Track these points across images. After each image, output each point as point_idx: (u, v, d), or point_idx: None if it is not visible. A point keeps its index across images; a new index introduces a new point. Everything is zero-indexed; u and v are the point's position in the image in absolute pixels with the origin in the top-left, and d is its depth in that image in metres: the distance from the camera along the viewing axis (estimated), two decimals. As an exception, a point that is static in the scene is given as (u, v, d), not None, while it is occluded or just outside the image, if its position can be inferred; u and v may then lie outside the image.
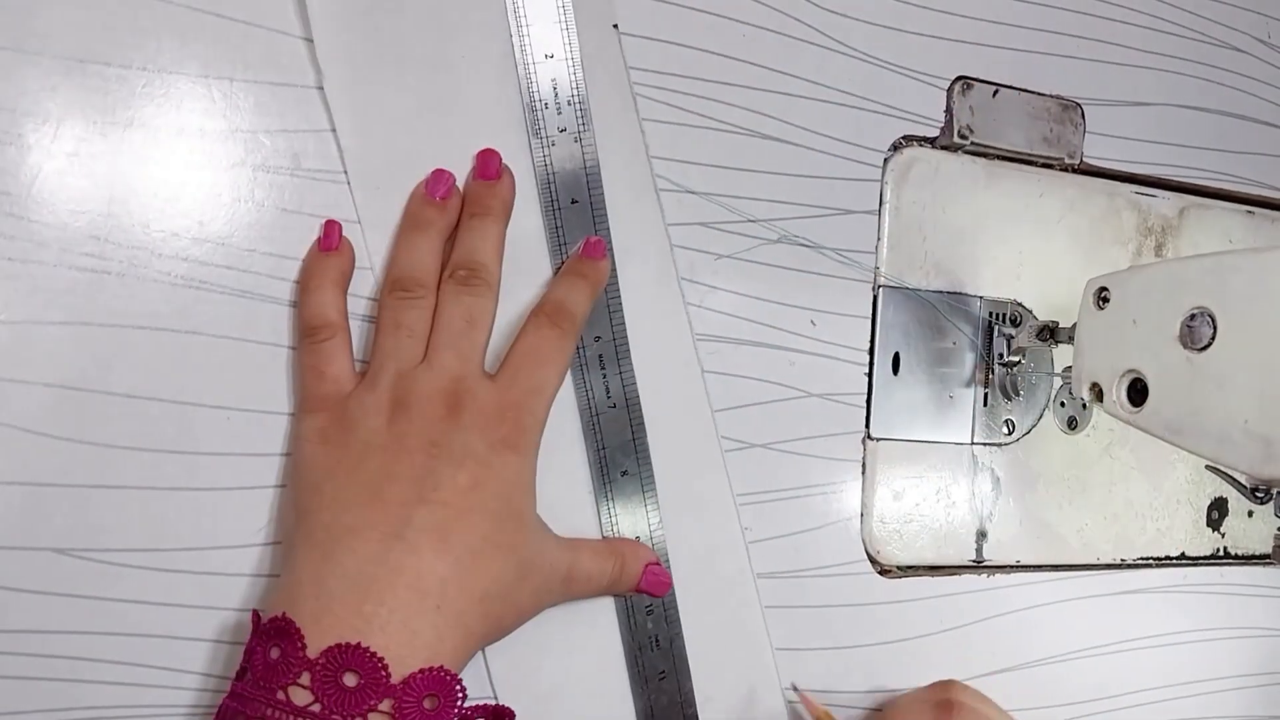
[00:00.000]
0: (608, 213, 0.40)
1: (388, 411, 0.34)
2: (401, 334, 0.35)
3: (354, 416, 0.34)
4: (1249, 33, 0.57)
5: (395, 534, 0.32)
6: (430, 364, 0.35)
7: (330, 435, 0.34)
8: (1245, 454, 0.35)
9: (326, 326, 0.35)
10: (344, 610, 0.30)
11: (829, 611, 0.45)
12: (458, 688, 0.31)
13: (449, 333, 0.35)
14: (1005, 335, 0.48)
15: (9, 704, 0.33)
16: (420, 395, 0.34)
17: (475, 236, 0.37)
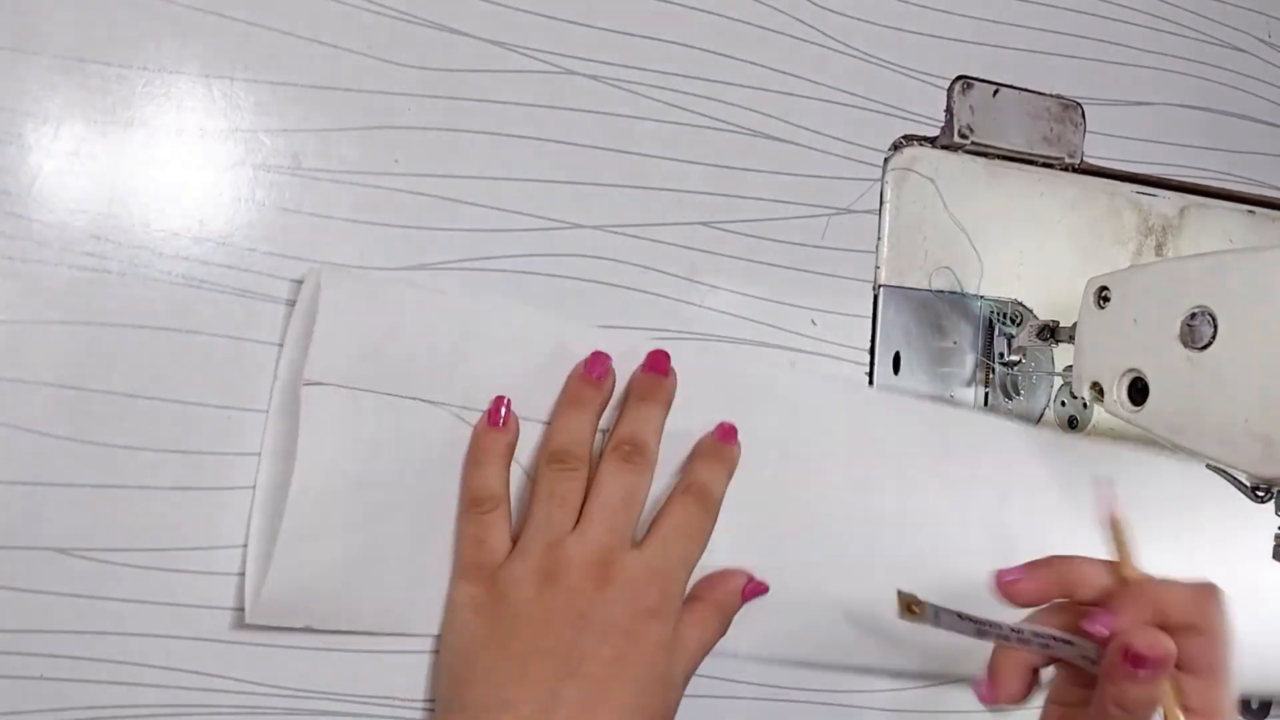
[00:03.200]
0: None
1: (537, 582, 0.35)
2: (554, 504, 0.36)
3: (505, 587, 0.35)
4: (1249, 32, 0.57)
5: (544, 710, 0.33)
6: (582, 534, 0.36)
7: (482, 605, 0.36)
8: (1245, 453, 0.35)
9: (491, 498, 0.37)
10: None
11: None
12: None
13: (606, 507, 0.37)
14: (1006, 335, 0.48)
15: (9, 704, 0.33)
16: (570, 566, 0.35)
17: (641, 417, 0.39)
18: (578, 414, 0.38)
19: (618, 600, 0.35)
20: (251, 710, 0.36)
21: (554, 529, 0.36)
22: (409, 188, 0.38)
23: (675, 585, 0.37)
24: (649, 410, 0.39)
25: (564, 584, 0.35)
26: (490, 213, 0.39)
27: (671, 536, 0.37)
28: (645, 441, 0.38)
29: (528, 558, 0.36)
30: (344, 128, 0.37)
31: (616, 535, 0.36)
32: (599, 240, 0.41)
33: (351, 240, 0.37)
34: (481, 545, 0.37)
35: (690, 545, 0.38)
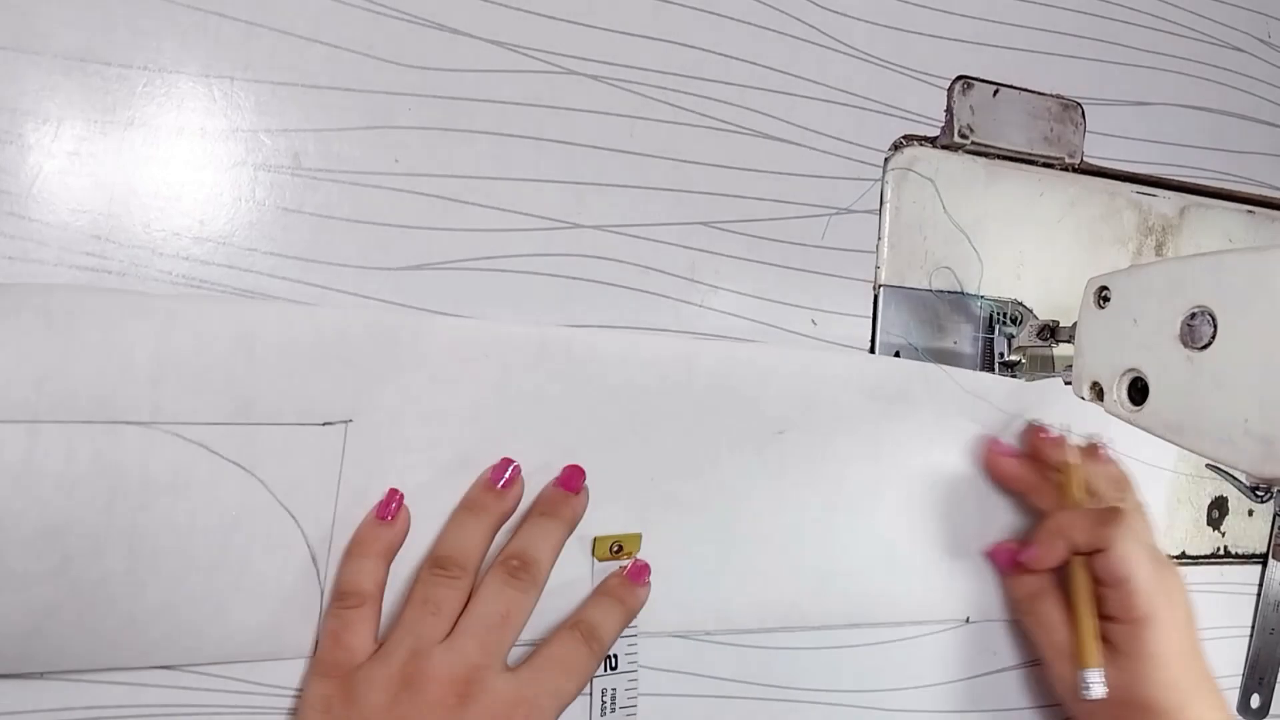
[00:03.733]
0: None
1: (394, 689, 0.33)
2: (427, 610, 0.35)
3: (359, 690, 0.33)
4: (1249, 33, 0.57)
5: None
6: (451, 646, 0.34)
7: (333, 706, 0.34)
8: (1245, 453, 0.35)
9: (357, 594, 0.35)
10: None
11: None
12: None
13: (481, 622, 0.35)
14: (1006, 334, 0.48)
15: (9, 704, 0.33)
16: (432, 678, 0.33)
17: (537, 533, 0.37)
18: (471, 520, 0.37)
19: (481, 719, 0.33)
20: (251, 710, 0.36)
21: (422, 636, 0.34)
22: (409, 188, 0.38)
23: (539, 716, 0.34)
24: (549, 526, 0.37)
25: (421, 695, 0.33)
26: (490, 213, 0.39)
27: (547, 667, 0.35)
28: (537, 559, 0.36)
29: (389, 662, 0.34)
30: (344, 128, 0.37)
31: (487, 653, 0.34)
32: (599, 240, 0.41)
33: (351, 240, 0.37)
34: (338, 642, 0.35)
35: (565, 681, 0.35)
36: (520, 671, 0.35)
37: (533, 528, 0.37)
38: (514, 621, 0.35)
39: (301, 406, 0.35)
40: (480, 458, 0.38)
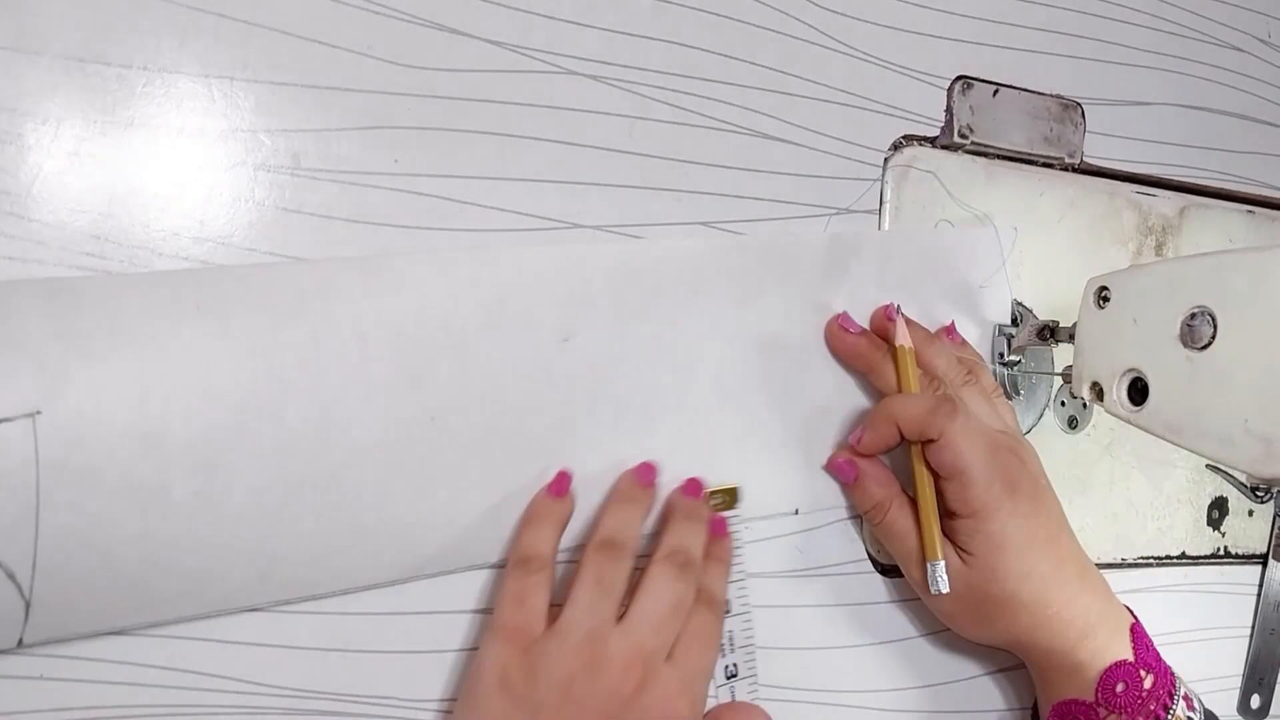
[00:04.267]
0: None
1: (573, 669, 0.34)
2: (600, 590, 0.36)
3: (539, 666, 0.34)
4: (1249, 33, 0.57)
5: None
6: (628, 632, 0.36)
7: (512, 679, 0.35)
8: (1245, 453, 0.35)
9: (538, 558, 0.37)
10: None
11: (829, 611, 0.45)
12: None
13: (656, 612, 0.36)
14: (1005, 335, 0.48)
15: (7, 703, 0.33)
16: (612, 662, 0.35)
17: (689, 534, 0.39)
18: (629, 508, 0.39)
19: (648, 711, 0.35)
20: (251, 710, 0.36)
21: (598, 616, 0.36)
22: (409, 188, 0.38)
23: (701, 699, 0.37)
24: (695, 529, 0.40)
25: (601, 678, 0.34)
26: (490, 213, 0.39)
27: (694, 647, 0.37)
28: (696, 558, 0.39)
29: (567, 640, 0.35)
30: (344, 128, 0.37)
31: (660, 642, 0.36)
32: (598, 240, 0.41)
33: (351, 240, 0.37)
34: (521, 604, 0.36)
35: (710, 655, 0.38)
36: (677, 658, 0.37)
37: (685, 529, 0.40)
38: (681, 615, 0.37)
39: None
40: (229, 427, 0.34)
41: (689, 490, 0.41)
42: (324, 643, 0.37)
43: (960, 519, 0.41)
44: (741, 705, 0.41)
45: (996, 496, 0.40)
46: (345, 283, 0.36)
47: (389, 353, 0.36)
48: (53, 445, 0.31)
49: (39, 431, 0.31)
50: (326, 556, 0.36)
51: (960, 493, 0.40)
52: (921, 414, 0.40)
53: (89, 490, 0.32)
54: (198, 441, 0.33)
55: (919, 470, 0.41)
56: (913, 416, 0.40)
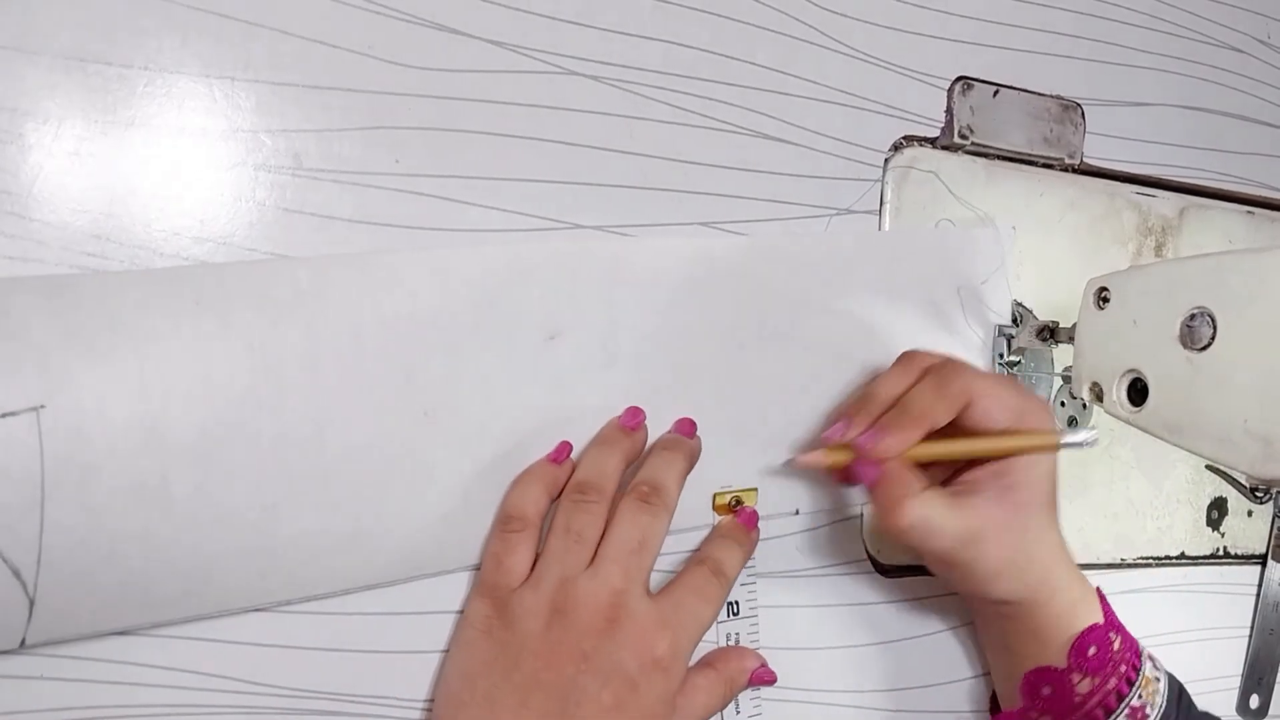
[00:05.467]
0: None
1: (546, 615, 0.35)
2: (570, 538, 0.36)
3: (515, 614, 0.36)
4: (1249, 33, 0.57)
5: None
6: (595, 574, 0.36)
7: (493, 628, 0.36)
8: (1245, 454, 0.35)
9: (520, 519, 0.37)
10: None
11: (829, 611, 0.46)
12: None
13: (619, 548, 0.36)
14: (1005, 335, 0.48)
15: (7, 703, 0.33)
16: (579, 604, 0.35)
17: (662, 462, 0.39)
18: (606, 450, 0.39)
19: (623, 645, 0.35)
20: (251, 710, 0.36)
21: (568, 564, 0.36)
22: (409, 188, 0.38)
23: (685, 642, 0.37)
24: (671, 457, 0.39)
25: (572, 621, 0.35)
26: (490, 213, 0.39)
27: (685, 595, 0.38)
28: (665, 485, 0.38)
29: (540, 589, 0.36)
30: (344, 128, 0.37)
31: (629, 578, 0.36)
32: (592, 239, 0.41)
33: (352, 240, 0.37)
34: (500, 564, 0.37)
35: (702, 607, 0.38)
36: (660, 599, 0.37)
37: (656, 459, 0.39)
38: (650, 545, 0.37)
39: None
40: (228, 423, 0.34)
41: (678, 426, 0.41)
42: (324, 643, 0.37)
43: (990, 462, 0.40)
44: (735, 648, 0.41)
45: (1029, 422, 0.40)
46: (341, 279, 0.36)
47: (383, 349, 0.36)
48: (56, 440, 0.31)
49: (43, 426, 0.31)
50: (325, 555, 0.36)
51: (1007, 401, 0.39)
52: (937, 389, 0.39)
53: (92, 486, 0.32)
54: (197, 437, 0.33)
55: (929, 445, 0.39)
56: (934, 397, 0.39)
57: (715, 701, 0.38)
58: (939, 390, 0.39)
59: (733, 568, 0.40)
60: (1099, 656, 0.41)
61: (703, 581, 0.38)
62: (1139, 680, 0.41)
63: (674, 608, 0.37)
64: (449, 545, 0.38)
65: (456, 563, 0.38)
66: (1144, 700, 0.41)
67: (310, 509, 0.35)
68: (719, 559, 0.39)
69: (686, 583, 0.38)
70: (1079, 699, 0.40)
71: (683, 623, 0.37)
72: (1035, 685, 0.41)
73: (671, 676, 0.36)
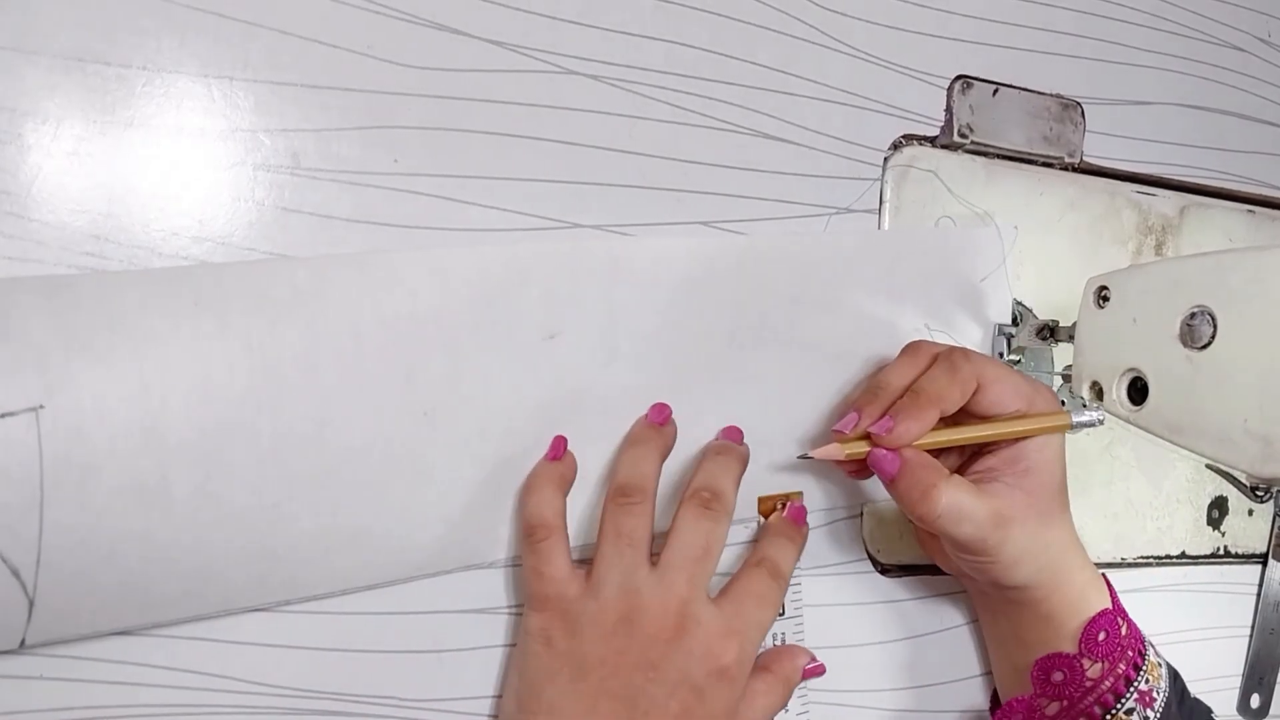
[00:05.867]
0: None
1: (612, 623, 0.35)
2: (623, 543, 0.36)
3: (577, 623, 0.35)
4: (1249, 32, 0.57)
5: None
6: (660, 580, 0.36)
7: (554, 638, 0.36)
8: (1245, 453, 0.35)
9: (543, 526, 0.37)
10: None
11: (829, 611, 0.45)
12: None
13: (684, 555, 0.36)
14: (1005, 334, 0.48)
15: (7, 703, 0.33)
16: (646, 612, 0.35)
17: (718, 468, 0.39)
18: (642, 450, 0.39)
19: (692, 654, 0.35)
20: (251, 710, 0.36)
21: (626, 569, 0.36)
22: (409, 188, 0.38)
23: (750, 648, 0.37)
24: (726, 461, 0.39)
25: (639, 629, 0.35)
26: (490, 213, 0.39)
27: (746, 600, 0.37)
28: (724, 490, 0.38)
29: (601, 595, 0.36)
30: (344, 128, 0.37)
31: (694, 585, 0.36)
32: (596, 239, 0.41)
33: (351, 240, 0.37)
34: (542, 575, 0.36)
35: (764, 612, 0.38)
36: (723, 605, 0.37)
37: (713, 464, 0.39)
38: (713, 552, 0.37)
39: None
40: (228, 424, 0.34)
41: (726, 433, 0.41)
42: (324, 643, 0.37)
43: (1003, 448, 0.40)
44: (787, 648, 0.41)
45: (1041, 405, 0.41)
46: (340, 279, 0.36)
47: (383, 349, 0.36)
48: (56, 440, 0.31)
49: (42, 426, 0.31)
50: (326, 556, 0.36)
51: (1017, 385, 0.40)
52: (948, 375, 0.39)
53: (92, 486, 0.32)
54: (197, 438, 0.33)
55: (943, 431, 0.39)
56: (945, 384, 0.39)
57: (776, 703, 0.39)
58: (950, 375, 0.39)
59: (789, 566, 0.40)
60: (1109, 642, 0.41)
61: (763, 585, 0.38)
62: (1145, 665, 0.41)
63: (738, 614, 0.37)
64: (449, 545, 0.38)
65: (456, 562, 0.38)
66: (1150, 685, 0.41)
67: (310, 509, 0.35)
68: (775, 560, 0.39)
69: (747, 587, 0.38)
70: (1090, 684, 0.41)
71: (747, 629, 0.37)
72: (1046, 671, 0.42)
73: (737, 685, 0.36)
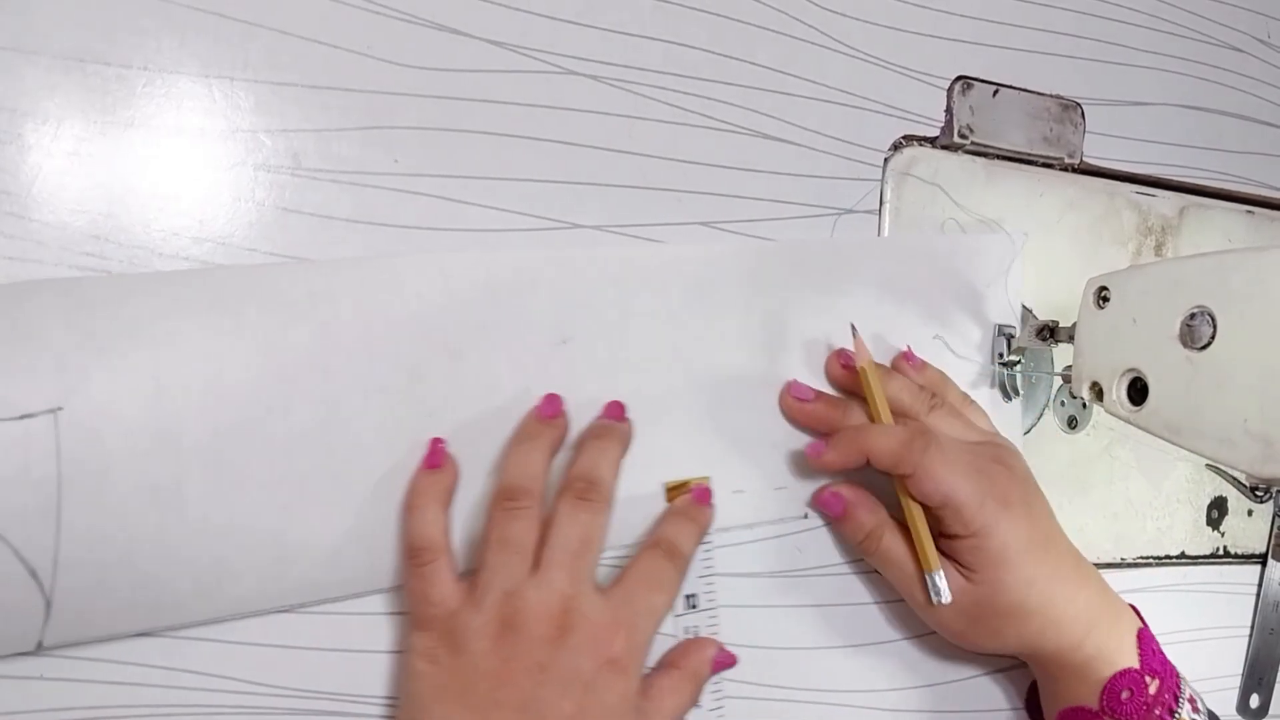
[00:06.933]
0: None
1: (495, 632, 0.34)
2: (509, 551, 0.35)
3: (461, 638, 0.34)
4: (1249, 33, 0.57)
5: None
6: (540, 582, 0.35)
7: (438, 655, 0.35)
8: (1245, 453, 0.35)
9: (429, 549, 0.36)
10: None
11: (829, 611, 0.45)
12: None
13: (563, 551, 0.35)
14: (1006, 334, 0.48)
15: (10, 704, 0.33)
16: (529, 615, 0.34)
17: (595, 453, 0.38)
18: (529, 448, 0.37)
19: (579, 650, 0.34)
20: (251, 710, 0.36)
21: (510, 576, 0.35)
22: (409, 188, 0.38)
23: (640, 636, 0.36)
24: (605, 446, 0.38)
25: (523, 634, 0.34)
26: (490, 213, 0.39)
27: (637, 586, 0.37)
28: (601, 478, 0.37)
29: (483, 607, 0.34)
30: (344, 128, 0.37)
31: (576, 581, 0.35)
32: (599, 240, 0.41)
33: (351, 240, 0.37)
34: (427, 599, 0.35)
35: (658, 597, 0.37)
36: (612, 593, 0.36)
37: (590, 450, 0.38)
38: (594, 543, 0.36)
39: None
40: (239, 425, 0.34)
41: (607, 410, 0.39)
42: (324, 643, 0.37)
43: (960, 539, 0.40)
44: (693, 641, 0.40)
45: (992, 512, 0.39)
46: (351, 282, 0.36)
47: (390, 351, 0.37)
48: (73, 442, 0.32)
49: (60, 427, 0.31)
50: (337, 558, 0.36)
51: (955, 517, 0.39)
52: (894, 448, 0.39)
53: (108, 486, 0.32)
54: (209, 439, 0.34)
55: (903, 493, 0.41)
56: (885, 451, 0.39)
57: (685, 700, 0.38)
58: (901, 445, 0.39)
59: (688, 546, 0.39)
60: (1133, 701, 0.40)
61: (655, 567, 0.37)
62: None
63: (626, 602, 0.36)
64: (458, 546, 0.38)
65: (467, 563, 0.38)
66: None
67: (321, 510, 0.35)
68: (673, 539, 0.38)
69: (638, 572, 0.37)
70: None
71: (637, 617, 0.36)
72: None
73: (630, 675, 0.35)
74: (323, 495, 0.35)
